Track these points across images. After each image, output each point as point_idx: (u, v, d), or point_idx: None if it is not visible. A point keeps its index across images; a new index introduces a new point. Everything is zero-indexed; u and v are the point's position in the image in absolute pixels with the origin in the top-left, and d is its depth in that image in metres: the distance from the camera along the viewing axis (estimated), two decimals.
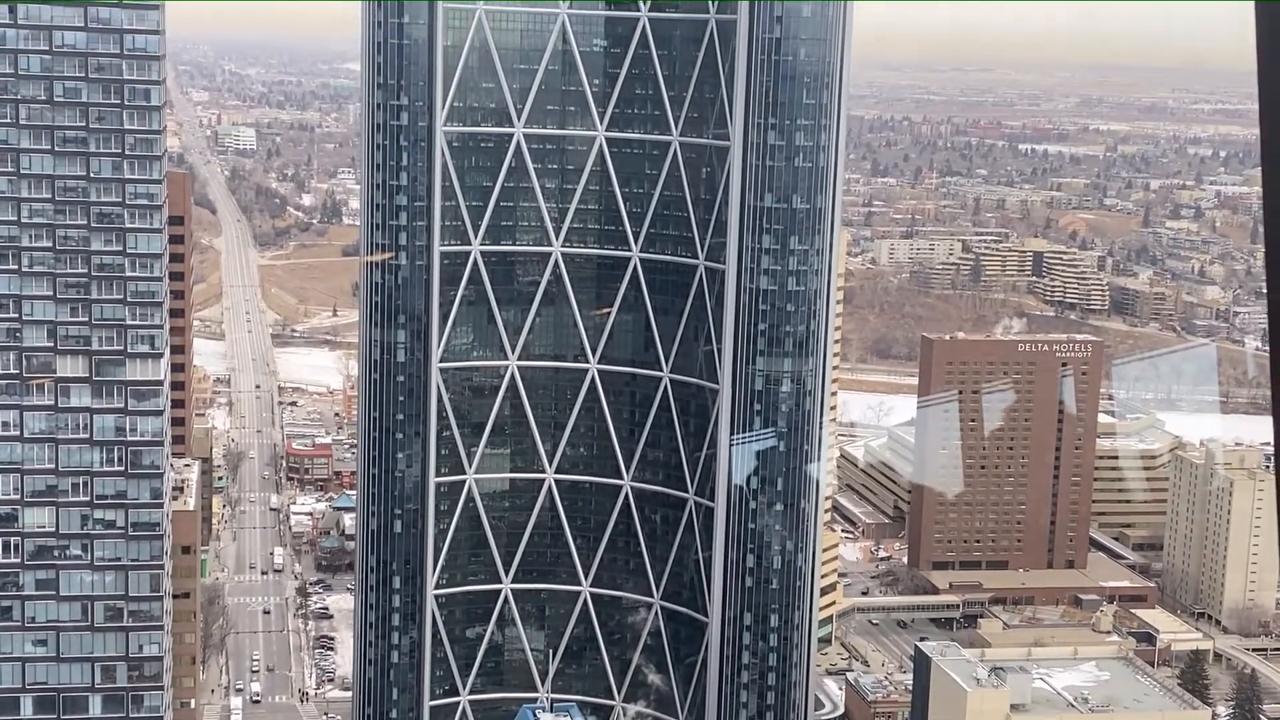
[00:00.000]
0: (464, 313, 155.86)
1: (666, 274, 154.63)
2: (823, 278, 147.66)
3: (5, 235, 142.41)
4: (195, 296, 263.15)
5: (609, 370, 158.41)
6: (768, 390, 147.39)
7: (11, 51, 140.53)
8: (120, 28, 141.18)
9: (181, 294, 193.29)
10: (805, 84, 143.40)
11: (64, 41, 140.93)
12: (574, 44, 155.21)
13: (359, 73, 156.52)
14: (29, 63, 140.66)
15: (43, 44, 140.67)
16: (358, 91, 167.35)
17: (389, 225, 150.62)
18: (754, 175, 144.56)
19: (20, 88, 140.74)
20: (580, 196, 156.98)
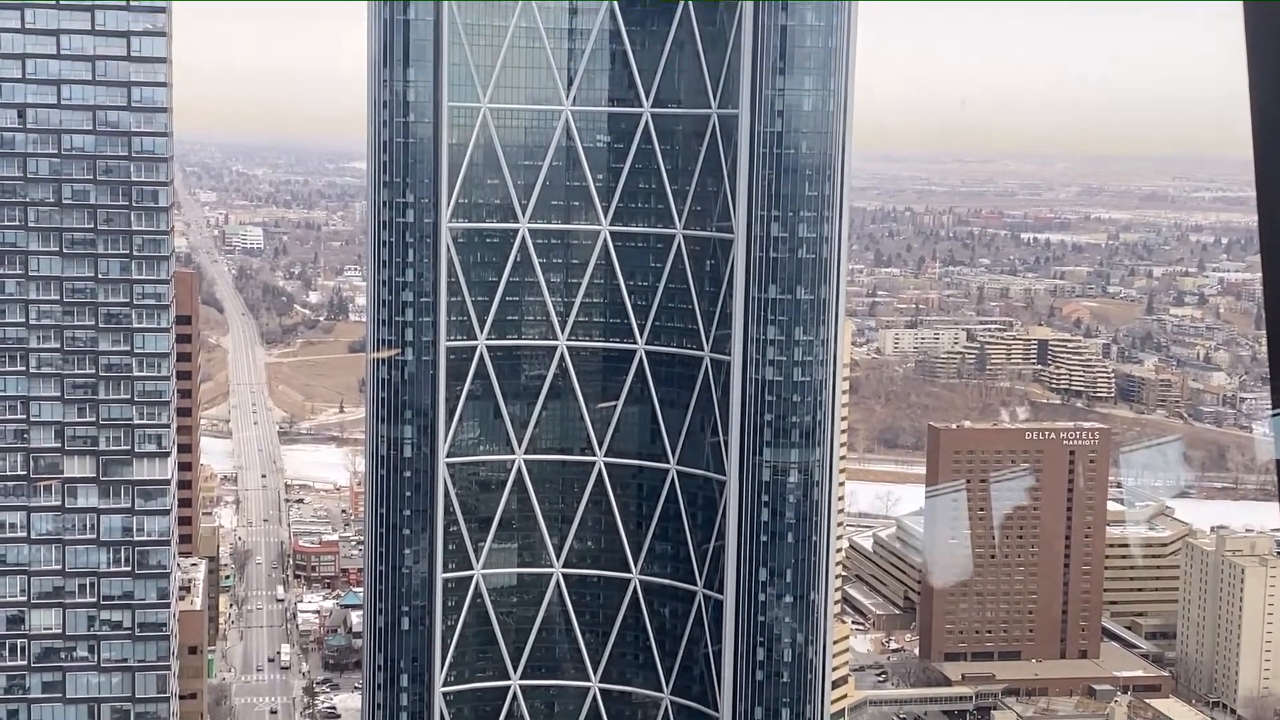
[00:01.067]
0: (470, 407, 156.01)
1: (672, 366, 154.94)
2: (828, 368, 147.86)
3: (14, 337, 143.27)
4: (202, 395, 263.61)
5: (616, 463, 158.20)
6: (775, 481, 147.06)
7: (20, 155, 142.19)
8: (128, 130, 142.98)
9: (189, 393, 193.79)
10: (807, 176, 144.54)
11: (72, 144, 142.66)
12: (578, 140, 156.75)
13: (365, 171, 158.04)
14: (38, 165, 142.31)
15: (51, 147, 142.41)
16: (364, 190, 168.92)
17: (395, 321, 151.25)
18: (758, 267, 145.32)
19: (29, 190, 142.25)
20: (585, 290, 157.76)
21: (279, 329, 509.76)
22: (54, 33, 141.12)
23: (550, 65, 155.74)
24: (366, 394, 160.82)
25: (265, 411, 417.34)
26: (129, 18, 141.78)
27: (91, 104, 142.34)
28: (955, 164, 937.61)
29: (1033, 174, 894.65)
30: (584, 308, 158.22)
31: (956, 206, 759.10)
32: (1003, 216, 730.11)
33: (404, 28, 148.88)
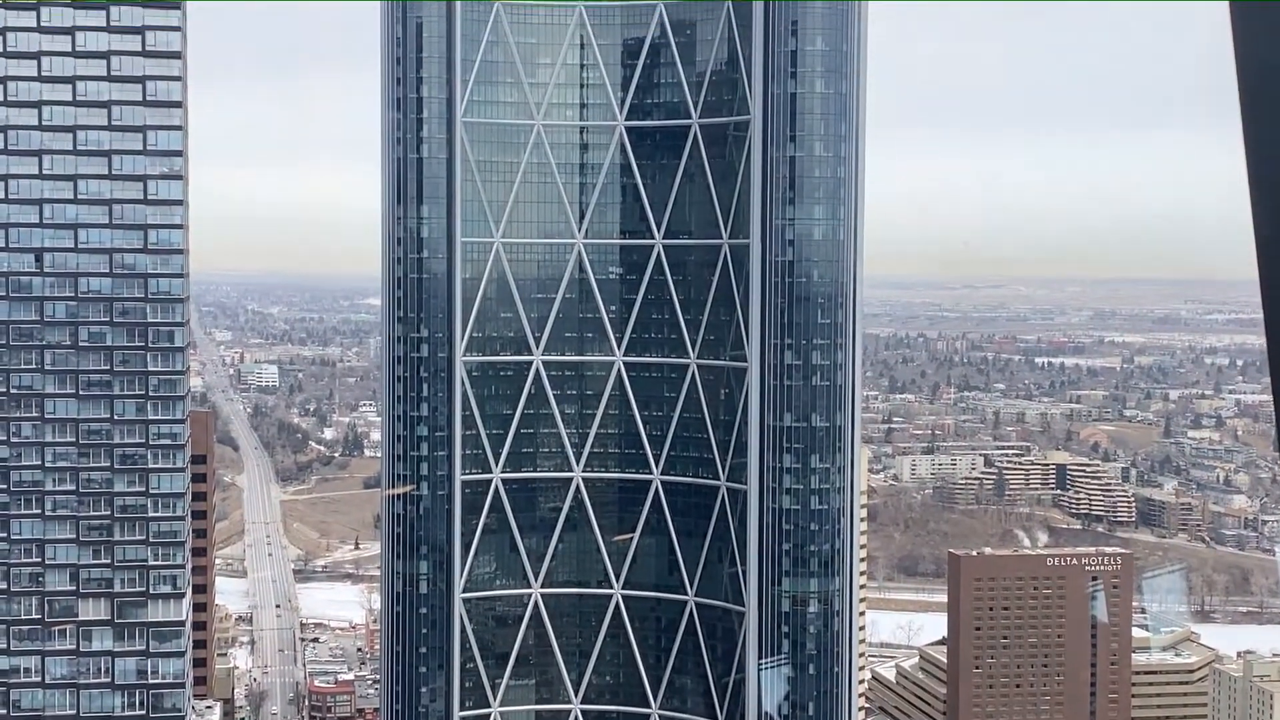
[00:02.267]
0: (486, 541, 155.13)
1: (688, 496, 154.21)
2: (845, 496, 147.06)
3: (30, 480, 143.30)
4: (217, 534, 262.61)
5: (633, 595, 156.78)
6: (795, 611, 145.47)
7: (38, 298, 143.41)
8: (144, 272, 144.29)
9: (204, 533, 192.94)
10: (820, 304, 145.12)
11: (89, 287, 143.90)
12: (590, 272, 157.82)
13: (380, 307, 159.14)
14: (55, 309, 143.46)
15: (68, 290, 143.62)
16: (378, 325, 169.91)
17: (410, 456, 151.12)
18: (772, 395, 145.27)
19: (46, 334, 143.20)
20: (600, 421, 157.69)
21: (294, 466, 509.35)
22: (70, 177, 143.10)
23: (562, 199, 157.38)
24: (381, 530, 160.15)
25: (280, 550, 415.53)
26: (145, 161, 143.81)
27: (108, 247, 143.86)
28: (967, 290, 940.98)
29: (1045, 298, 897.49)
30: (599, 439, 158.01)
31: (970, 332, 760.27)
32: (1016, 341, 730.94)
33: (417, 165, 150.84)
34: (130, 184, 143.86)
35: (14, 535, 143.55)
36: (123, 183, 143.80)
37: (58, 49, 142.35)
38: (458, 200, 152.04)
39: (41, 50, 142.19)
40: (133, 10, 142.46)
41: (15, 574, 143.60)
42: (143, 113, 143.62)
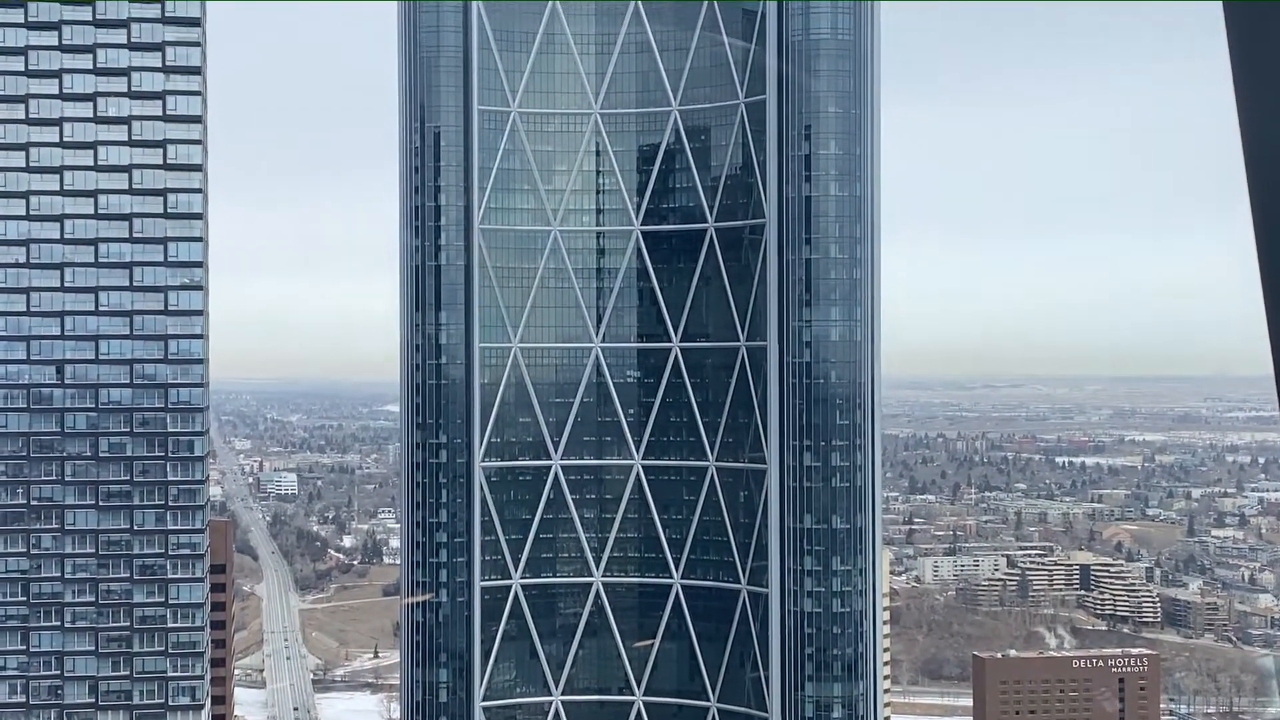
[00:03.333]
0: (506, 648, 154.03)
1: (709, 600, 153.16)
2: (868, 598, 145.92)
3: (49, 592, 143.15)
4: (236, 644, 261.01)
5: (655, 702, 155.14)
6: (819, 717, 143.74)
7: (58, 410, 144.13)
8: (165, 382, 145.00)
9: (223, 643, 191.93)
10: (838, 405, 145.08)
11: (110, 398, 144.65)
12: (608, 376, 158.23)
13: (399, 413, 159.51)
14: (75, 420, 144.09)
15: (89, 401, 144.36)
16: (397, 432, 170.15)
17: (429, 563, 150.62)
18: (792, 497, 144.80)
19: (66, 445, 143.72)
20: (619, 525, 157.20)
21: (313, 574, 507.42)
22: (92, 290, 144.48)
23: (580, 304, 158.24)
24: (401, 638, 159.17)
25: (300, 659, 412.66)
26: (166, 272, 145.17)
27: (129, 357, 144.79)
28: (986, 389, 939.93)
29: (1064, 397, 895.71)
30: (619, 543, 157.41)
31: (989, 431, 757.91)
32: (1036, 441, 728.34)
33: (435, 272, 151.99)
34: (151, 295, 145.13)
35: (34, 648, 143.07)
36: (144, 294, 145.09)
37: (80, 163, 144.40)
38: (476, 306, 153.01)
39: (64, 165, 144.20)
40: (154, 124, 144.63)
41: (34, 687, 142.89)
42: (163, 225, 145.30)
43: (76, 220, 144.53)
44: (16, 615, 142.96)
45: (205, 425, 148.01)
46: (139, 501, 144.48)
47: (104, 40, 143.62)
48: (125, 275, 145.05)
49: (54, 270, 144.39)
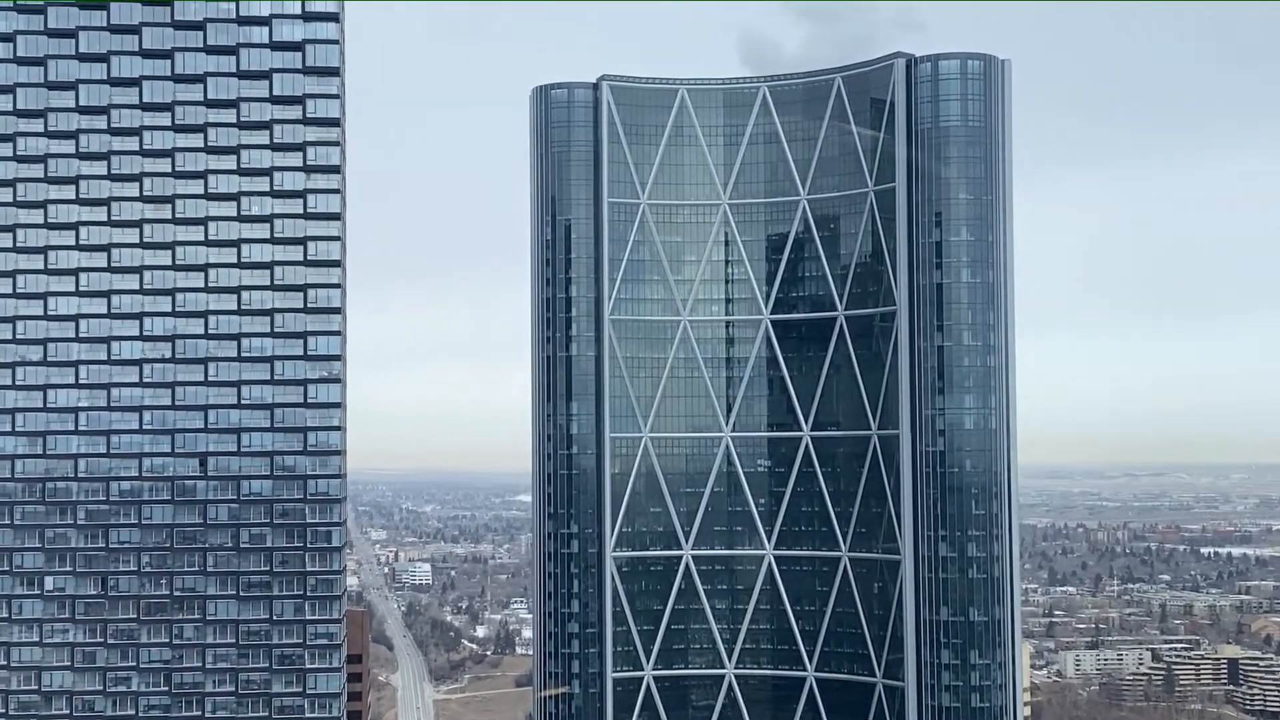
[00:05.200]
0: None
1: (844, 693, 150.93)
2: (1008, 693, 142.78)
3: (190, 682, 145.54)
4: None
5: None
6: None
7: (201, 501, 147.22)
8: (304, 473, 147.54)
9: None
10: (973, 495, 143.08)
11: (250, 489, 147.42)
12: (739, 465, 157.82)
13: (530, 504, 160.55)
14: (217, 512, 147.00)
15: (230, 493, 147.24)
16: (529, 522, 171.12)
17: (561, 653, 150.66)
18: (928, 589, 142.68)
19: (208, 535, 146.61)
20: (751, 616, 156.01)
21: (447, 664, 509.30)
22: (234, 384, 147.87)
23: (709, 393, 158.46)
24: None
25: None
26: (305, 365, 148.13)
27: (269, 449, 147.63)
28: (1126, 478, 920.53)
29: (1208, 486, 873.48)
30: (750, 634, 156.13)
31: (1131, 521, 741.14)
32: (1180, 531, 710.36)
33: (566, 363, 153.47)
34: (291, 388, 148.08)
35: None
36: (284, 387, 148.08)
37: (224, 260, 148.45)
38: (606, 396, 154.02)
39: (209, 262, 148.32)
40: (295, 221, 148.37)
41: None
42: (304, 319, 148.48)
43: (220, 315, 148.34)
44: (159, 705, 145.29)
45: (343, 516, 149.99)
46: (278, 591, 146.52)
47: (247, 141, 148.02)
48: (266, 369, 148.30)
49: (198, 365, 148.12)
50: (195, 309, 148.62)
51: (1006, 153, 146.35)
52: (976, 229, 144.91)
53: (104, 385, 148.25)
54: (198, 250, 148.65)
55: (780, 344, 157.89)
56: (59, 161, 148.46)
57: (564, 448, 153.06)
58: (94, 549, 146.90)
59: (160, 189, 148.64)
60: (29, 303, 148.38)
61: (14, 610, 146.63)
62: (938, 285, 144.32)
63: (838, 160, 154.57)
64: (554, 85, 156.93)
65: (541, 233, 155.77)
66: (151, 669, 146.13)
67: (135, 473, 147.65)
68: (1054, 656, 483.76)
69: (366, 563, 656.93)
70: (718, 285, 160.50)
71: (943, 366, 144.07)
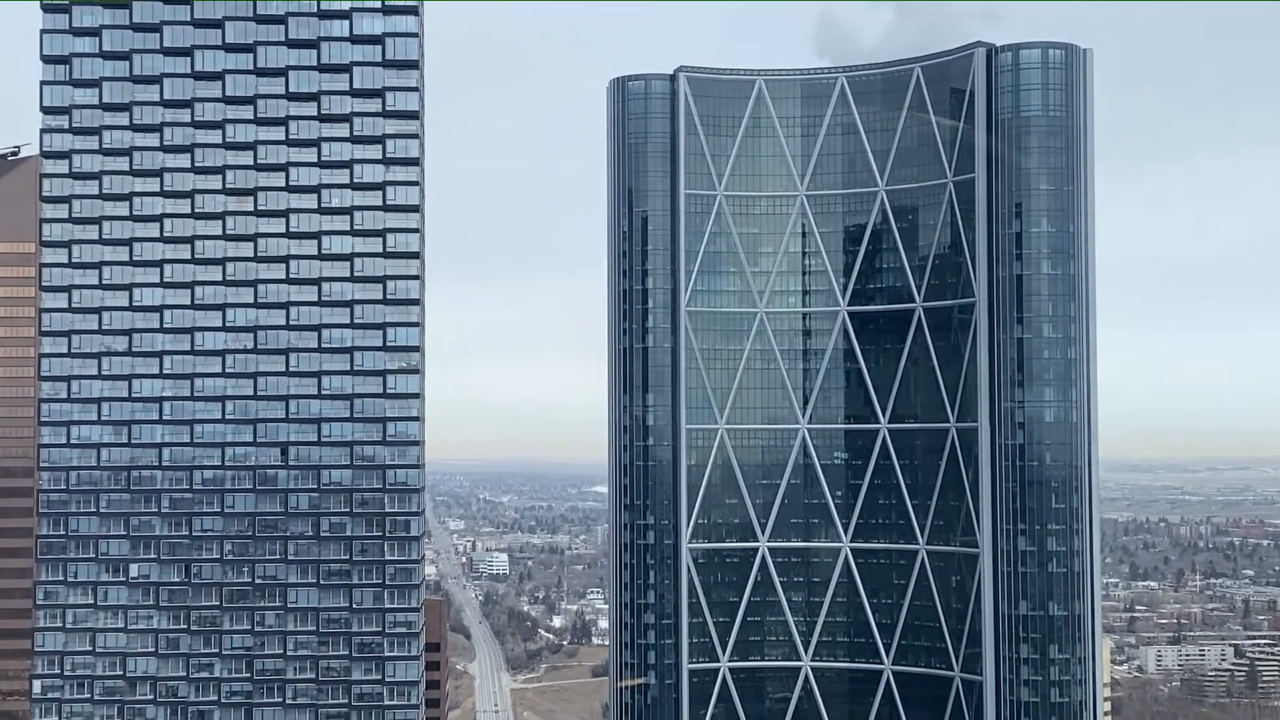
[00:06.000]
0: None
1: (921, 687, 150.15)
2: (1088, 688, 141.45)
3: (271, 669, 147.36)
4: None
5: None
6: None
7: (282, 490, 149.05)
8: (383, 463, 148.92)
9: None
10: (1053, 489, 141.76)
11: (330, 479, 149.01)
12: (815, 458, 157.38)
13: (607, 495, 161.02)
14: (298, 500, 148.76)
15: (311, 482, 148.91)
16: (605, 513, 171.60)
17: (638, 644, 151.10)
18: (1007, 583, 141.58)
19: (289, 524, 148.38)
20: (828, 609, 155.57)
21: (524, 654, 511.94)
22: (315, 374, 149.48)
23: (786, 385, 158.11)
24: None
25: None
26: (385, 356, 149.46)
27: (349, 439, 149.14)
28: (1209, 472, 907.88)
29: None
30: (827, 627, 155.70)
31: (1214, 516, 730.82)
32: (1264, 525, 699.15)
33: (642, 355, 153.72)
34: (371, 379, 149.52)
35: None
36: (363, 377, 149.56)
37: (305, 252, 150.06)
38: (682, 388, 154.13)
39: (290, 254, 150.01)
40: (374, 214, 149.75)
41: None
42: (383, 310, 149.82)
43: (301, 306, 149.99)
44: (241, 691, 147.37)
45: (421, 506, 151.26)
46: (358, 580, 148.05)
47: (327, 134, 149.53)
48: (346, 360, 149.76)
49: (279, 355, 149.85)
50: (277, 300, 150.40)
51: (1088, 142, 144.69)
52: (1057, 220, 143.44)
53: (187, 375, 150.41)
54: (279, 242, 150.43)
55: (858, 336, 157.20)
56: (144, 155, 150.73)
57: (640, 439, 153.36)
58: (178, 536, 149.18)
59: (242, 181, 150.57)
60: (115, 294, 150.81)
61: (100, 597, 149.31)
62: (1017, 277, 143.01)
63: (916, 151, 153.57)
64: (631, 77, 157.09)
65: (618, 224, 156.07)
66: (234, 655, 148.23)
67: (218, 462, 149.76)
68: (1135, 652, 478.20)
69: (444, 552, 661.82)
70: (794, 277, 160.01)
71: (1022, 359, 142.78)
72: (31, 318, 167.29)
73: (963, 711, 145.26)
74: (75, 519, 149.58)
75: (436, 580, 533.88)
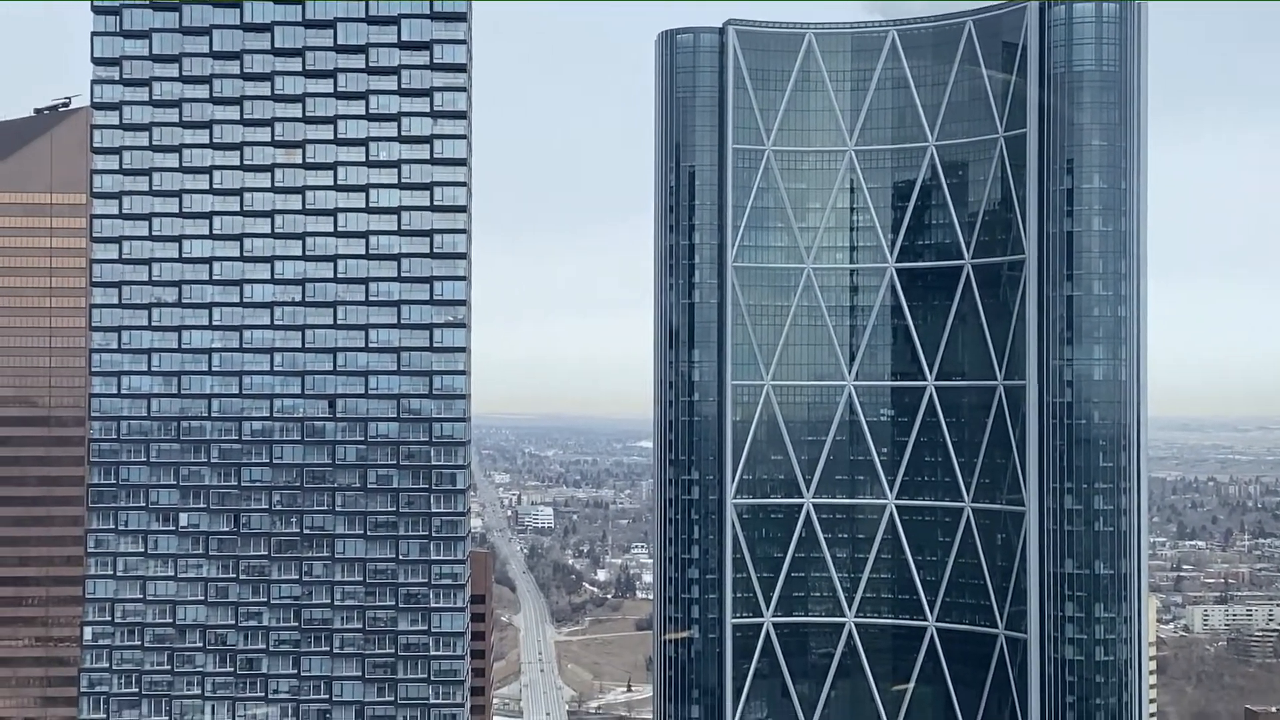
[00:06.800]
0: (757, 687, 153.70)
1: (965, 644, 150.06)
2: (1133, 647, 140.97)
3: (319, 618, 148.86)
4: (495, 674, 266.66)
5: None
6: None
7: (330, 442, 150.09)
8: (429, 416, 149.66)
9: (482, 672, 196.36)
10: (1101, 447, 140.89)
11: (378, 431, 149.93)
12: (861, 415, 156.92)
13: (652, 450, 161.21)
14: (346, 452, 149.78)
15: (358, 434, 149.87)
16: (650, 468, 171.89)
17: (681, 599, 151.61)
18: (1052, 541, 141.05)
19: (337, 475, 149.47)
20: (872, 566, 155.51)
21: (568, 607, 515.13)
22: (362, 327, 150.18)
23: (832, 342, 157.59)
24: (654, 673, 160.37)
25: (555, 691, 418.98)
26: (432, 311, 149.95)
27: (396, 392, 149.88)
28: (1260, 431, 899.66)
29: None
30: (871, 583, 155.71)
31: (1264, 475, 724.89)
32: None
33: (689, 310, 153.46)
34: (417, 332, 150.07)
35: (304, 672, 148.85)
36: (410, 331, 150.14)
37: (353, 205, 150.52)
38: (728, 344, 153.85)
39: (338, 207, 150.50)
40: (422, 167, 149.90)
41: (305, 710, 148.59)
42: (430, 264, 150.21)
43: (349, 260, 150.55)
44: (289, 640, 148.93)
45: (467, 459, 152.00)
46: (404, 532, 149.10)
47: (375, 87, 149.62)
48: (393, 313, 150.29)
49: (327, 308, 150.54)
50: (324, 253, 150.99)
51: (1141, 97, 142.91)
52: (1109, 176, 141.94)
53: (236, 327, 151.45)
54: (327, 195, 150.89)
55: (905, 293, 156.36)
56: (193, 106, 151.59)
57: (686, 395, 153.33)
58: (227, 487, 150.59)
59: (291, 134, 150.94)
60: (165, 245, 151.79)
61: (150, 545, 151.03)
62: (1068, 233, 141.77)
63: (967, 106, 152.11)
64: (679, 30, 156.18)
65: (665, 180, 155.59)
66: (281, 604, 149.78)
67: (266, 413, 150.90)
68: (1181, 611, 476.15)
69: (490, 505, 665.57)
70: (842, 233, 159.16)
71: (1072, 316, 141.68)
72: (83, 268, 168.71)
73: (1006, 669, 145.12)
74: (126, 468, 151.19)
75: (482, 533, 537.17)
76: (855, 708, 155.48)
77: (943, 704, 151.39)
